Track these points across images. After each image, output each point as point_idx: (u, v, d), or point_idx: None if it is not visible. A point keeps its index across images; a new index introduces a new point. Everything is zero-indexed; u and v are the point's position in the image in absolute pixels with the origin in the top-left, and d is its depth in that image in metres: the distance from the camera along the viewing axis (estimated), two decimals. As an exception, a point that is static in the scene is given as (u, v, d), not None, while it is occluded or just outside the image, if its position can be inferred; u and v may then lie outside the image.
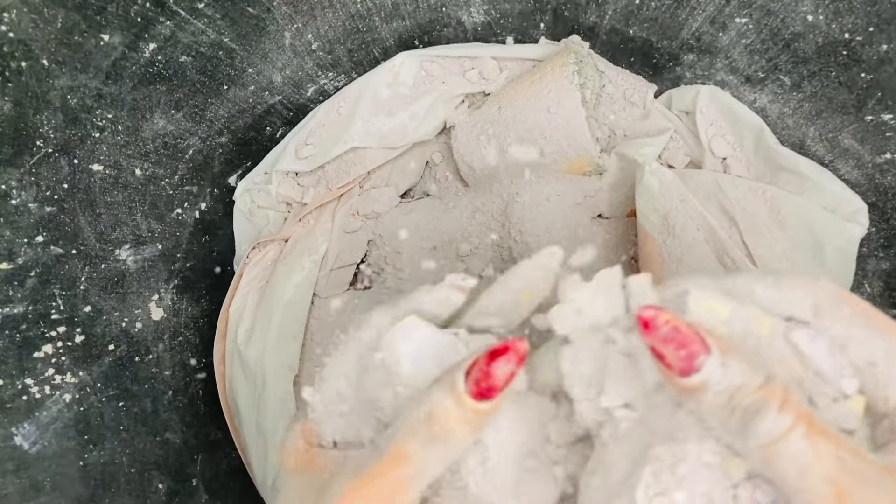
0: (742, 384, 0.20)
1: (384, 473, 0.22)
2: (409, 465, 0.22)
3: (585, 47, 0.49)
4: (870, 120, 0.43)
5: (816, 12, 0.40)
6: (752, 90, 0.47)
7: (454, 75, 0.51)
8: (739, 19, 0.43)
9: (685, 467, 0.21)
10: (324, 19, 0.46)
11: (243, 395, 0.48)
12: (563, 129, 0.47)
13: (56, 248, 0.37)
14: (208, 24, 0.41)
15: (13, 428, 0.35)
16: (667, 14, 0.46)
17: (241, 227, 0.53)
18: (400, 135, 0.51)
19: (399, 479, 0.22)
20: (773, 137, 0.47)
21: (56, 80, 0.35)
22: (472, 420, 0.22)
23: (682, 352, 0.20)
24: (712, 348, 0.20)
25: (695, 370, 0.20)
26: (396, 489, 0.22)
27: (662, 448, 0.21)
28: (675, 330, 0.20)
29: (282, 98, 0.50)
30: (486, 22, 0.51)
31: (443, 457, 0.22)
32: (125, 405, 0.42)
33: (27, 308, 0.36)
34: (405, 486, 0.22)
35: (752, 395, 0.20)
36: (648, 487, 0.21)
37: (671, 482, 0.21)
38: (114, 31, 0.36)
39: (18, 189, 0.35)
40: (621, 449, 0.23)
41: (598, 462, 0.24)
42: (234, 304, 0.50)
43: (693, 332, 0.20)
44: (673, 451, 0.21)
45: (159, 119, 0.42)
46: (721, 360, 0.20)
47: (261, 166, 0.52)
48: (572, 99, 0.46)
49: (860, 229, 0.44)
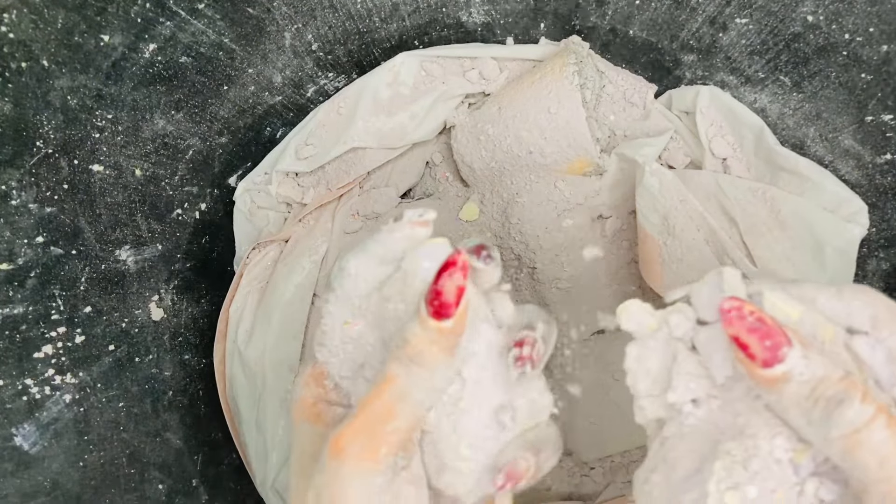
0: (825, 375, 0.20)
1: (372, 401, 0.23)
2: (394, 388, 0.23)
3: (585, 48, 0.49)
4: (870, 120, 0.43)
5: (816, 13, 0.40)
6: (752, 90, 0.47)
7: (454, 75, 0.51)
8: (740, 20, 0.43)
9: (757, 462, 0.21)
10: (324, 20, 0.46)
11: (243, 394, 0.48)
12: (563, 129, 0.47)
13: (56, 248, 0.37)
14: (208, 25, 0.41)
15: (13, 428, 0.35)
16: (667, 14, 0.46)
17: (241, 227, 0.53)
18: (400, 135, 0.51)
19: (386, 404, 0.23)
20: (774, 138, 0.47)
21: (56, 81, 0.35)
22: (440, 341, 0.23)
23: (767, 342, 0.21)
24: (794, 341, 0.21)
25: (778, 361, 0.21)
26: (384, 415, 0.23)
27: (734, 443, 0.22)
28: (760, 321, 0.21)
29: (282, 98, 0.50)
30: (486, 22, 0.51)
31: (423, 382, 0.23)
32: (125, 405, 0.42)
33: (27, 308, 0.36)
34: (392, 411, 0.23)
35: (835, 386, 0.20)
36: (720, 482, 0.21)
37: (743, 476, 0.21)
38: (114, 32, 0.36)
39: (18, 189, 0.35)
40: (686, 445, 0.23)
41: (659, 459, 0.24)
42: (235, 304, 0.50)
43: (777, 325, 0.21)
44: (745, 447, 0.22)
45: (159, 119, 0.42)
46: (803, 353, 0.21)
47: (261, 167, 0.52)
48: (572, 99, 0.46)
49: (860, 230, 0.44)
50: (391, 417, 0.23)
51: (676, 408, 0.24)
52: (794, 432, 0.22)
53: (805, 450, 0.21)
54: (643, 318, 0.25)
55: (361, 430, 0.23)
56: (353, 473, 0.23)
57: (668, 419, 0.24)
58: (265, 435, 0.47)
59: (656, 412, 0.25)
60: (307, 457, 0.26)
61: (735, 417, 0.23)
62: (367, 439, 0.23)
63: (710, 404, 0.24)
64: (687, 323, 0.24)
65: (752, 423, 0.22)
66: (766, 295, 0.23)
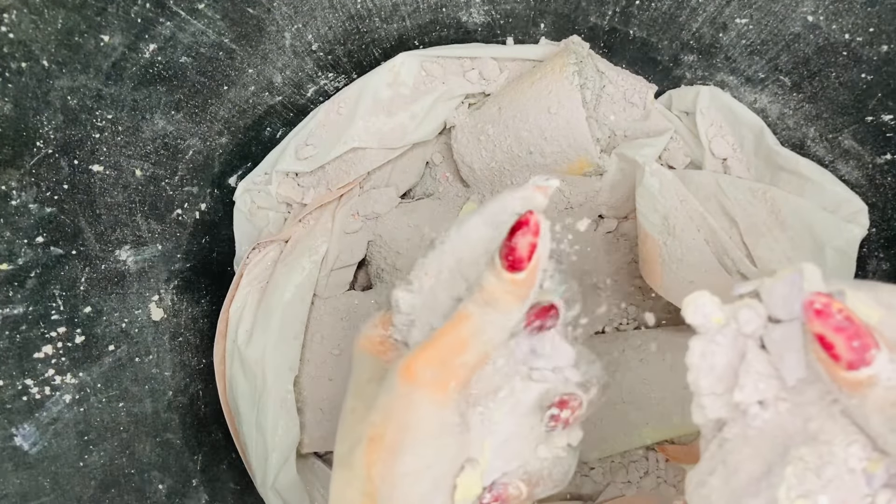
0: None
1: (446, 333, 0.25)
2: (469, 323, 0.24)
3: (585, 48, 0.49)
4: (870, 121, 0.43)
5: (817, 13, 0.40)
6: (752, 91, 0.47)
7: (454, 76, 0.51)
8: (740, 20, 0.43)
9: (832, 470, 0.20)
10: (324, 20, 0.46)
11: (243, 394, 0.48)
12: (564, 129, 0.47)
13: (56, 248, 0.37)
14: (208, 25, 0.41)
15: (13, 428, 0.35)
16: (667, 14, 0.46)
17: (241, 227, 0.53)
18: (400, 135, 0.51)
19: (460, 336, 0.24)
20: (774, 138, 0.47)
21: (56, 81, 0.35)
22: (513, 291, 0.25)
23: (854, 342, 0.20)
24: (881, 344, 0.20)
25: (865, 363, 0.19)
26: (457, 347, 0.24)
27: (807, 449, 0.21)
28: (848, 320, 0.20)
29: (282, 99, 0.50)
30: (486, 22, 0.51)
31: (496, 321, 0.25)
32: (125, 406, 0.42)
33: (27, 309, 0.36)
34: (465, 344, 0.24)
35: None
36: (791, 488, 0.20)
37: (816, 484, 0.20)
38: (114, 32, 0.36)
39: (18, 190, 0.35)
40: (750, 449, 0.22)
41: (718, 462, 0.23)
42: (235, 304, 0.50)
43: (866, 326, 0.20)
44: (819, 453, 0.21)
45: (159, 119, 0.42)
46: (891, 356, 0.20)
47: (261, 167, 0.52)
48: (572, 99, 0.46)
49: (860, 230, 0.44)
50: (462, 350, 0.24)
51: (742, 408, 0.23)
52: (871, 441, 0.20)
53: (880, 459, 0.20)
54: (711, 311, 0.24)
55: (435, 358, 0.24)
56: (425, 400, 0.24)
57: (731, 420, 0.23)
58: (265, 435, 0.47)
59: (718, 412, 0.24)
60: (368, 383, 0.27)
61: (806, 422, 0.22)
62: (439, 369, 0.24)
63: (777, 407, 0.22)
64: (757, 319, 0.23)
65: (826, 429, 0.21)
66: (849, 294, 0.21)
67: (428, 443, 0.24)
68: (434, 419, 0.24)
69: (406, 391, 0.24)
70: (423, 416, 0.24)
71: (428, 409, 0.24)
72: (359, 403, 0.26)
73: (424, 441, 0.24)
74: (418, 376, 0.24)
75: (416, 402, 0.24)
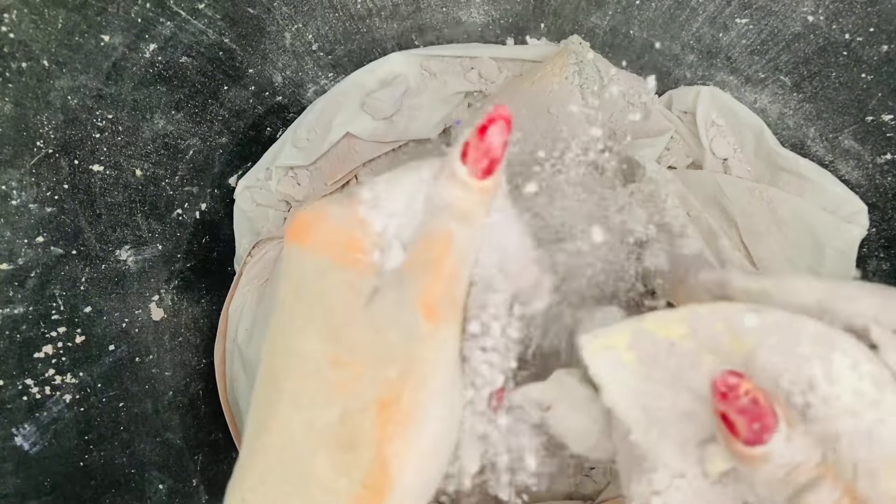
0: (802, 461, 0.20)
1: (442, 260, 0.21)
2: (455, 247, 0.21)
3: (585, 47, 0.49)
4: (870, 120, 0.43)
5: (817, 13, 0.40)
6: (752, 91, 0.47)
7: (454, 75, 0.51)
8: (740, 20, 0.43)
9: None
10: (324, 20, 0.46)
11: (244, 393, 0.48)
12: (564, 129, 0.47)
13: (56, 248, 0.37)
14: (209, 25, 0.41)
15: (13, 428, 0.35)
16: (667, 14, 0.46)
17: (241, 225, 0.53)
18: (397, 131, 0.51)
19: (454, 263, 0.21)
20: (774, 138, 0.47)
21: (56, 81, 0.35)
22: (483, 201, 0.22)
23: (755, 425, 0.20)
24: (780, 423, 0.20)
25: (762, 443, 0.20)
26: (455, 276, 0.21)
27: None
28: (753, 402, 0.20)
29: (282, 98, 0.50)
30: (486, 22, 0.51)
31: (473, 239, 0.22)
32: (125, 405, 0.42)
33: (27, 308, 0.36)
34: (458, 272, 0.21)
35: (809, 473, 0.20)
36: None
37: None
38: (114, 32, 0.36)
39: (19, 190, 0.35)
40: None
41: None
42: (234, 302, 0.50)
43: (769, 406, 0.20)
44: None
45: (159, 119, 0.42)
46: (787, 435, 0.20)
47: (261, 163, 0.52)
48: (572, 99, 0.46)
49: (860, 230, 0.44)
50: (459, 278, 0.21)
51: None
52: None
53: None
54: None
55: (446, 290, 0.21)
56: (450, 337, 0.20)
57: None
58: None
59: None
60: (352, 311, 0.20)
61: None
62: (451, 302, 0.21)
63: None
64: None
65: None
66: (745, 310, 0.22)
67: (446, 398, 0.20)
68: (452, 363, 0.20)
69: (430, 331, 0.20)
70: (444, 360, 0.20)
71: (449, 351, 0.20)
72: (340, 348, 0.20)
73: (444, 396, 0.20)
74: (440, 313, 0.20)
75: (440, 344, 0.20)
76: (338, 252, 0.21)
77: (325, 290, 0.21)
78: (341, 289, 0.21)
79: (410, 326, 0.20)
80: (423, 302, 0.20)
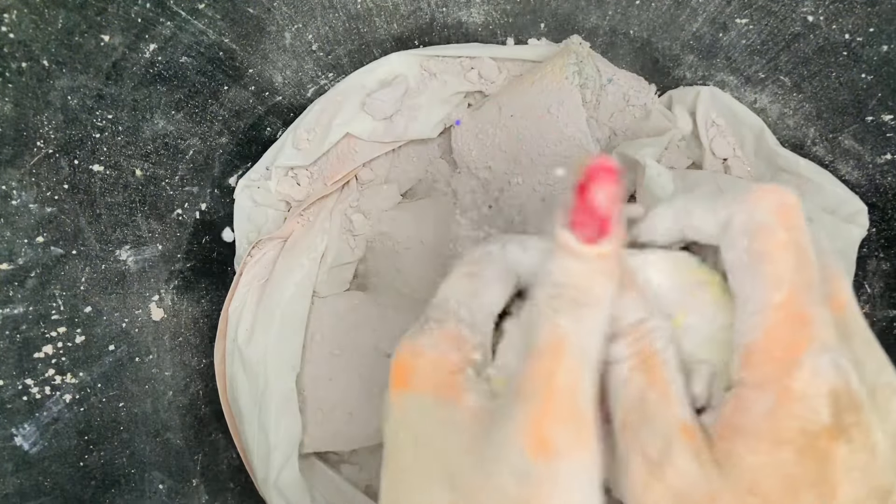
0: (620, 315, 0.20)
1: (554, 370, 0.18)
2: (571, 345, 0.18)
3: (585, 47, 0.49)
4: (870, 121, 0.43)
5: (817, 13, 0.40)
6: (752, 91, 0.47)
7: (454, 75, 0.51)
8: (740, 20, 0.43)
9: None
10: (324, 20, 0.46)
11: (244, 394, 0.48)
12: (564, 129, 0.47)
13: (56, 248, 0.37)
14: (209, 25, 0.41)
15: (13, 428, 0.35)
16: (667, 14, 0.46)
17: (241, 225, 0.53)
18: (398, 132, 0.51)
19: (572, 370, 0.18)
20: (774, 138, 0.47)
21: (56, 81, 0.35)
22: (604, 269, 0.19)
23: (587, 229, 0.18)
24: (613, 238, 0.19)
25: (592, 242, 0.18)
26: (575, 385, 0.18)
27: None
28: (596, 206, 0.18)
29: (282, 99, 0.50)
30: (486, 22, 0.51)
31: (594, 320, 0.19)
32: (125, 405, 0.42)
33: (27, 308, 0.36)
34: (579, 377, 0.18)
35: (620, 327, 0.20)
36: None
37: None
38: (114, 32, 0.36)
39: (19, 190, 0.35)
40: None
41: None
42: (234, 302, 0.50)
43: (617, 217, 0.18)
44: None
45: (159, 119, 0.42)
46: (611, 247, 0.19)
47: (261, 162, 0.52)
48: (572, 99, 0.46)
49: (860, 231, 0.44)
50: (580, 386, 0.18)
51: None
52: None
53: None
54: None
55: (562, 413, 0.17)
56: (576, 471, 0.17)
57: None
58: (267, 433, 0.47)
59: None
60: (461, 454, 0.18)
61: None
62: (575, 423, 0.17)
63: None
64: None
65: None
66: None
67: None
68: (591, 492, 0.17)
69: (544, 470, 0.17)
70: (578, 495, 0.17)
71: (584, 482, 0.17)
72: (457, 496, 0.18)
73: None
74: (556, 444, 0.17)
75: (565, 480, 0.17)
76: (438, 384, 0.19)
77: (432, 433, 0.19)
78: (447, 428, 0.19)
79: (520, 468, 0.17)
80: (529, 436, 0.17)
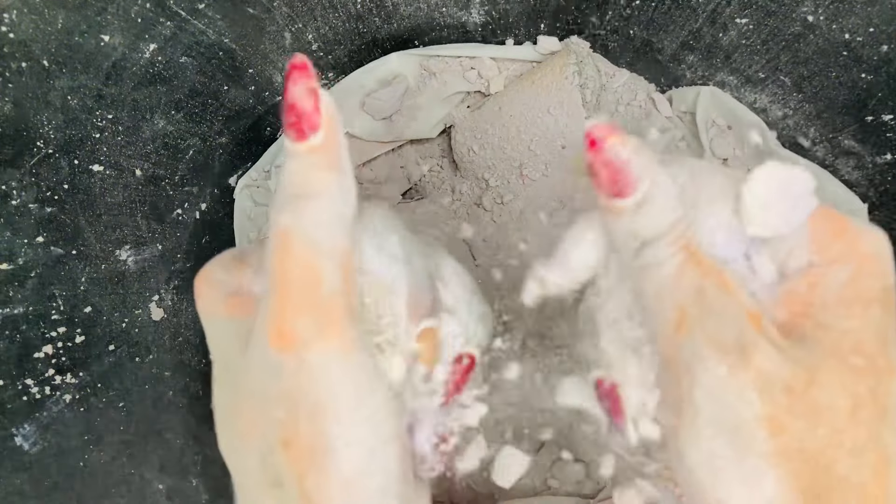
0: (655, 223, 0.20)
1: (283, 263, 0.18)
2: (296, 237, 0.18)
3: (585, 47, 0.49)
4: (870, 121, 0.43)
5: (817, 13, 0.40)
6: (752, 91, 0.47)
7: (453, 75, 0.51)
8: (740, 20, 0.43)
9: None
10: (324, 20, 0.46)
11: (243, 395, 0.48)
12: (564, 129, 0.47)
13: (56, 248, 0.37)
14: (208, 25, 0.41)
15: (13, 428, 0.35)
16: (667, 14, 0.46)
17: (241, 225, 0.53)
18: (398, 132, 0.51)
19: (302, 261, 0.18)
20: (774, 139, 0.47)
21: (56, 81, 0.35)
22: (318, 161, 0.20)
23: (615, 184, 0.20)
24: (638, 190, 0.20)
25: (623, 196, 0.20)
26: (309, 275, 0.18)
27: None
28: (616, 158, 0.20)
29: (282, 99, 0.50)
30: (486, 22, 0.50)
31: (324, 212, 0.19)
32: (125, 405, 0.42)
33: (27, 308, 0.36)
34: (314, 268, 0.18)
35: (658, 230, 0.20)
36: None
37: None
38: (114, 32, 0.36)
39: (19, 190, 0.35)
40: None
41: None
42: (234, 303, 0.50)
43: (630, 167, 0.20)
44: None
45: (159, 119, 0.42)
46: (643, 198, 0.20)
47: (260, 163, 0.52)
48: (572, 99, 0.46)
49: (860, 230, 0.44)
50: (318, 275, 0.18)
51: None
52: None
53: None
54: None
55: (303, 303, 0.18)
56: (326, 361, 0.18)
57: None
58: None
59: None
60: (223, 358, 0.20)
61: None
62: (316, 312, 0.18)
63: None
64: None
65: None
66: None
67: (357, 417, 0.18)
68: (347, 381, 0.18)
69: (295, 363, 0.17)
70: (333, 383, 0.18)
71: (335, 371, 0.18)
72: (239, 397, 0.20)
73: (352, 417, 0.18)
74: (298, 335, 0.17)
75: (316, 370, 0.17)
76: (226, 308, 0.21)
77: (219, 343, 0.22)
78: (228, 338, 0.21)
79: (271, 363, 0.18)
80: (271, 331, 0.18)
